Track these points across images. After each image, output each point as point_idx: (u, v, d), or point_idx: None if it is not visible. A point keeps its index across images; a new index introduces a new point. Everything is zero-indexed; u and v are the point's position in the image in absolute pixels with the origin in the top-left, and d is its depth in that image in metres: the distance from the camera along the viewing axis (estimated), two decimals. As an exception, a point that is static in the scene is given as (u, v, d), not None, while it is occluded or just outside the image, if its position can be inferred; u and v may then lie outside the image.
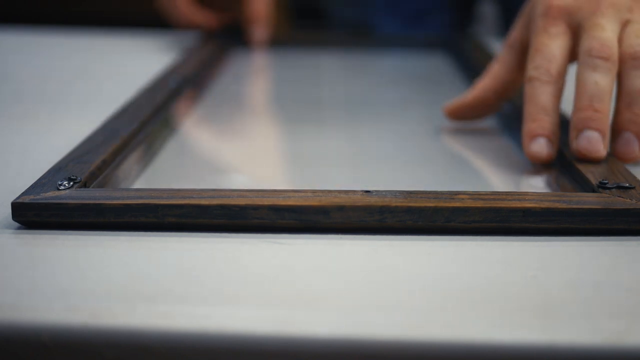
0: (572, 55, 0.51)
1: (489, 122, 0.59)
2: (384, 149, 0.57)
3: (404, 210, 0.40)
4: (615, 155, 0.48)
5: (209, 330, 0.32)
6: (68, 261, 0.37)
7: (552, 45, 0.51)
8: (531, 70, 0.51)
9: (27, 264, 0.37)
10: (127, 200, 0.40)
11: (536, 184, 0.44)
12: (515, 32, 0.56)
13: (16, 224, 0.41)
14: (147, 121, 0.57)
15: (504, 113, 0.61)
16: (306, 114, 0.63)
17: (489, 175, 0.46)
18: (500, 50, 0.58)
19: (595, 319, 0.33)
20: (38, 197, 0.40)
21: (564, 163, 0.49)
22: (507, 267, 0.37)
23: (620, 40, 0.49)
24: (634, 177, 0.44)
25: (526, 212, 0.40)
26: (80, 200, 0.40)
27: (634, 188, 0.42)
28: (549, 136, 0.49)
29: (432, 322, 0.32)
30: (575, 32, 0.51)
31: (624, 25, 0.50)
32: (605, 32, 0.49)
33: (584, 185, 0.45)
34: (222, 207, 0.40)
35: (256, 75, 0.74)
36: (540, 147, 0.48)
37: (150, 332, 0.32)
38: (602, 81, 0.48)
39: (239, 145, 0.50)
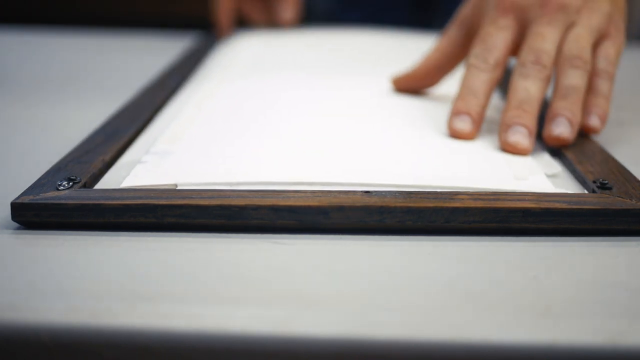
0: (515, 48, 0.55)
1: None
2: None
3: (403, 211, 0.40)
4: (547, 138, 0.51)
5: (209, 330, 0.32)
6: (68, 261, 0.37)
7: (496, 36, 0.54)
8: (472, 58, 0.54)
9: (26, 264, 0.37)
10: (126, 200, 0.40)
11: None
12: (467, 10, 0.59)
13: (16, 224, 0.41)
14: (147, 121, 0.57)
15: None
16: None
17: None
18: (450, 26, 0.61)
19: (595, 319, 0.33)
20: (37, 197, 0.40)
21: (563, 163, 0.49)
22: (507, 267, 0.37)
23: (561, 43, 0.53)
24: (634, 178, 0.44)
25: (526, 213, 0.40)
26: (79, 200, 0.40)
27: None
28: (473, 115, 0.52)
29: (433, 322, 0.32)
30: (523, 28, 0.55)
31: (569, 28, 0.54)
32: (545, 43, 0.53)
33: (583, 185, 0.45)
34: (221, 207, 0.40)
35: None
36: (464, 123, 0.52)
37: (150, 332, 0.32)
38: (533, 88, 0.51)
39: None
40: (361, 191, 0.41)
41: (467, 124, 0.51)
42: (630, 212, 0.40)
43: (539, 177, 0.45)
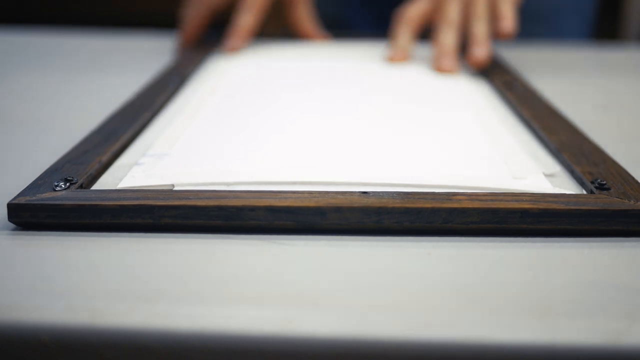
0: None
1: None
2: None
3: (401, 212, 0.40)
4: (469, 60, 0.74)
5: (209, 330, 0.32)
6: (65, 262, 0.37)
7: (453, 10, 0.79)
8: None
9: (23, 264, 0.37)
10: (122, 201, 0.40)
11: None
12: None
13: (12, 225, 0.41)
14: (146, 122, 0.56)
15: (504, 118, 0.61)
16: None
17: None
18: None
19: (595, 319, 0.32)
20: (34, 198, 0.40)
21: (561, 164, 0.48)
22: (506, 267, 0.37)
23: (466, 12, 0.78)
24: (632, 178, 0.44)
25: (524, 213, 0.40)
26: (76, 201, 0.40)
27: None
28: (452, 55, 0.76)
29: (432, 322, 0.32)
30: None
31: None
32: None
33: (582, 186, 0.44)
34: (219, 208, 0.40)
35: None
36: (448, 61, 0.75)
37: (150, 332, 0.32)
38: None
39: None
40: (359, 192, 0.41)
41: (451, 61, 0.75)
42: (628, 213, 0.40)
43: (537, 176, 0.45)
